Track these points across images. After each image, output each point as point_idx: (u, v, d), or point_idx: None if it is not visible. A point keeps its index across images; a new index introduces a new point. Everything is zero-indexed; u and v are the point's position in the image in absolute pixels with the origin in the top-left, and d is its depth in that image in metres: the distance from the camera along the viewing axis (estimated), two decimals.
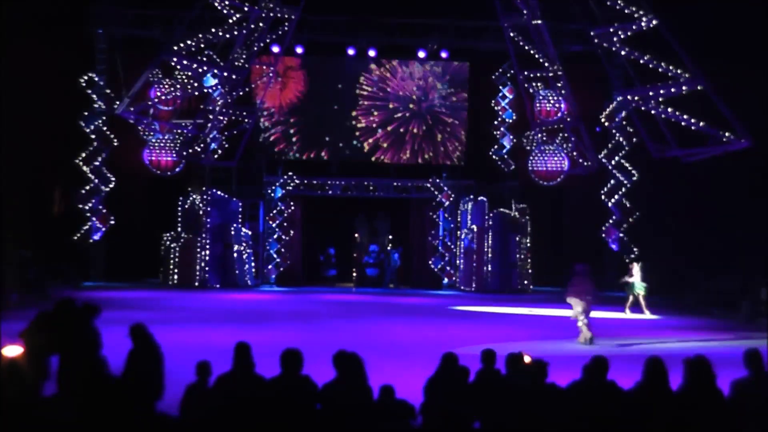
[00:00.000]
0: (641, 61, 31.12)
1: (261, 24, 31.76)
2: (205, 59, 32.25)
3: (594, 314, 19.27)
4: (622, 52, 31.66)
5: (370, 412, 8.73)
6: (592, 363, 8.97)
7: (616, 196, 35.14)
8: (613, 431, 8.55)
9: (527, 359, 9.22)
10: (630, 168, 34.96)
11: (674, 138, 30.92)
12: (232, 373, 9.03)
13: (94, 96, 33.68)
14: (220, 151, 33.98)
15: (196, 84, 32.88)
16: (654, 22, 30.42)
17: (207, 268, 32.01)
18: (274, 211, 33.74)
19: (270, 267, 33.76)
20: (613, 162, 35.04)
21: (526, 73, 33.80)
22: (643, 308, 25.74)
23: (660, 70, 30.76)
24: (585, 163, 33.81)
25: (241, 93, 33.34)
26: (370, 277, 35.12)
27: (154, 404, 9.65)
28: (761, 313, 24.66)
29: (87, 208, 33.51)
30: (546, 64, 33.06)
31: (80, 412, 8.11)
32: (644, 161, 33.19)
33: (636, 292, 25.97)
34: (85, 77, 33.68)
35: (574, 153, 34.35)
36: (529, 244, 33.50)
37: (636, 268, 26.38)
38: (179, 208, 32.80)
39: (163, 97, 33.39)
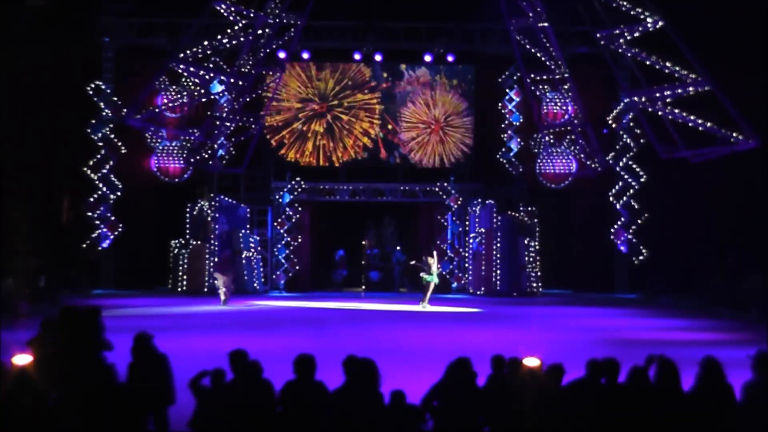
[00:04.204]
0: (648, 63, 31.07)
1: (267, 30, 31.79)
2: (211, 66, 32.31)
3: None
4: (629, 54, 31.61)
5: (381, 417, 8.74)
6: (602, 365, 8.96)
7: (625, 198, 35.06)
8: None
9: (536, 363, 9.17)
10: (638, 169, 34.87)
11: (682, 139, 30.84)
12: (237, 380, 9.06)
13: (102, 104, 33.72)
14: (227, 158, 34.06)
15: (203, 91, 32.96)
16: (660, 23, 30.38)
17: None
18: (283, 217, 33.74)
19: (279, 273, 33.78)
20: (621, 163, 34.95)
21: (532, 75, 33.76)
22: (426, 299, 27.51)
23: (667, 71, 30.70)
24: (593, 165, 33.75)
25: (248, 99, 33.38)
26: (374, 282, 34.99)
27: (166, 410, 9.69)
28: None
29: (95, 216, 33.56)
30: (552, 67, 33.03)
31: (87, 420, 8.13)
32: (652, 162, 33.11)
33: (428, 281, 27.63)
34: (93, 85, 33.72)
35: (582, 155, 34.31)
36: (537, 247, 33.41)
37: (433, 261, 28.07)
38: (187, 215, 32.85)
39: (171, 104, 33.49)
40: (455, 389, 9.11)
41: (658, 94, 30.96)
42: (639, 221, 34.74)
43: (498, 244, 32.68)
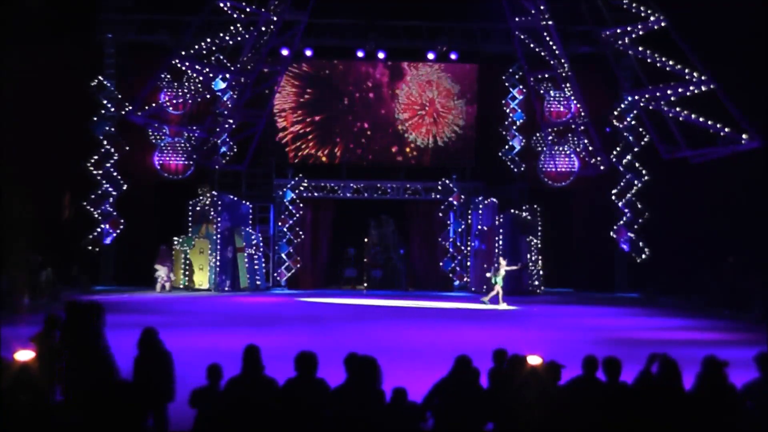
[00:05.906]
0: (650, 62, 31.04)
1: (270, 27, 31.78)
2: (214, 63, 32.31)
3: None
4: (631, 53, 31.57)
5: (382, 415, 8.74)
6: (597, 361, 8.97)
7: (627, 197, 35.02)
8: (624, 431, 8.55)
9: (537, 360, 9.18)
10: (640, 168, 34.83)
11: (684, 138, 30.83)
12: (242, 376, 9.06)
13: (104, 100, 33.69)
14: (229, 155, 34.04)
15: (205, 87, 32.96)
16: (663, 22, 30.34)
17: (218, 272, 32.03)
18: (285, 214, 33.74)
19: (281, 270, 33.77)
20: (623, 162, 34.91)
21: (535, 74, 33.76)
22: (500, 299, 27.73)
23: (669, 70, 30.68)
24: (595, 164, 33.73)
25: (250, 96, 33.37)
26: (376, 279, 34.95)
27: (166, 407, 9.71)
28: None
29: (97, 212, 33.54)
30: (555, 66, 33.00)
31: (88, 416, 8.14)
32: (654, 161, 33.10)
33: (497, 283, 28.03)
34: (95, 82, 33.69)
35: (584, 154, 34.28)
36: (539, 245, 33.39)
37: (503, 263, 28.67)
38: (189, 212, 32.85)
39: (173, 101, 33.48)
40: (457, 387, 9.11)
41: (660, 93, 30.95)
42: (640, 220, 34.70)
43: (500, 243, 32.64)
